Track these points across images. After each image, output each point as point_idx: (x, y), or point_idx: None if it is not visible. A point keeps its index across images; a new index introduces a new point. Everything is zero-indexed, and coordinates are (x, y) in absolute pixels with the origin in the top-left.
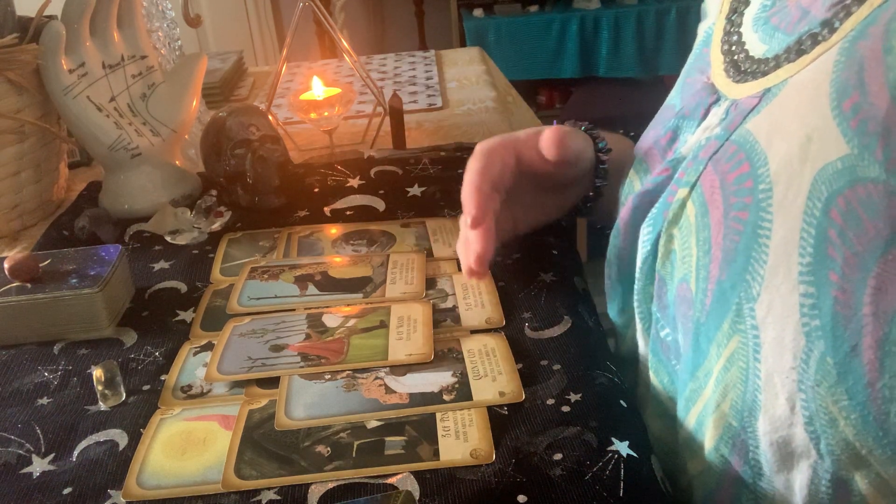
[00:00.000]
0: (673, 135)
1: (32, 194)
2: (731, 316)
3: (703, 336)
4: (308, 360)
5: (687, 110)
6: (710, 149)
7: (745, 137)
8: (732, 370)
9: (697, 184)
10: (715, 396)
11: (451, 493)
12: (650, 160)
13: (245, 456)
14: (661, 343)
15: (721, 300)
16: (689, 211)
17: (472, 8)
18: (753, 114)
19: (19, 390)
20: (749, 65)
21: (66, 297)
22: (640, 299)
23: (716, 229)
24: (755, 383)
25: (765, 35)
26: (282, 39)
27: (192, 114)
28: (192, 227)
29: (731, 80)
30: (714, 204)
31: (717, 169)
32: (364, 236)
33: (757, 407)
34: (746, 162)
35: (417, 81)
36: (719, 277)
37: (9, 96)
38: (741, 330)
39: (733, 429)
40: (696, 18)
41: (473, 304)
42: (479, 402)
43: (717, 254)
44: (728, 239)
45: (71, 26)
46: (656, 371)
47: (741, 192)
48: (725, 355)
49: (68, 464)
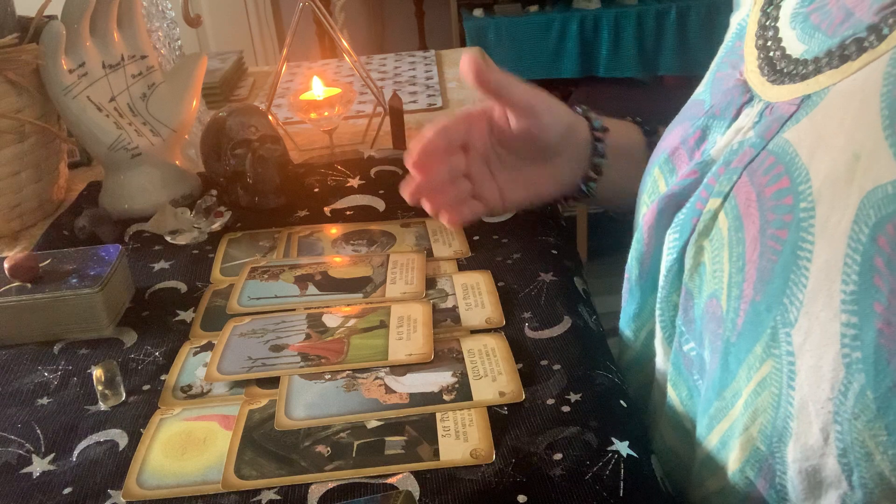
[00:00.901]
0: (702, 134)
1: (32, 194)
2: (765, 339)
3: (733, 357)
4: (308, 360)
5: (717, 109)
6: (745, 157)
7: (783, 148)
8: (764, 395)
9: (731, 194)
10: (743, 419)
11: (451, 493)
12: (677, 160)
13: (245, 456)
14: (684, 357)
15: (755, 322)
16: (721, 223)
17: (472, 8)
18: (792, 122)
19: (19, 390)
20: (785, 64)
21: (66, 297)
22: (662, 308)
23: (751, 246)
24: (787, 410)
25: (803, 33)
26: (282, 39)
27: (192, 114)
28: (192, 227)
29: (766, 79)
30: (750, 218)
31: (753, 181)
32: (364, 236)
33: (788, 434)
34: (786, 176)
35: (417, 81)
36: (753, 298)
37: (9, 96)
38: (775, 355)
39: (761, 453)
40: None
41: (473, 304)
42: (479, 402)
43: (752, 273)
44: (765, 258)
45: (71, 26)
46: (675, 384)
47: (780, 208)
48: (756, 379)
49: (68, 464)
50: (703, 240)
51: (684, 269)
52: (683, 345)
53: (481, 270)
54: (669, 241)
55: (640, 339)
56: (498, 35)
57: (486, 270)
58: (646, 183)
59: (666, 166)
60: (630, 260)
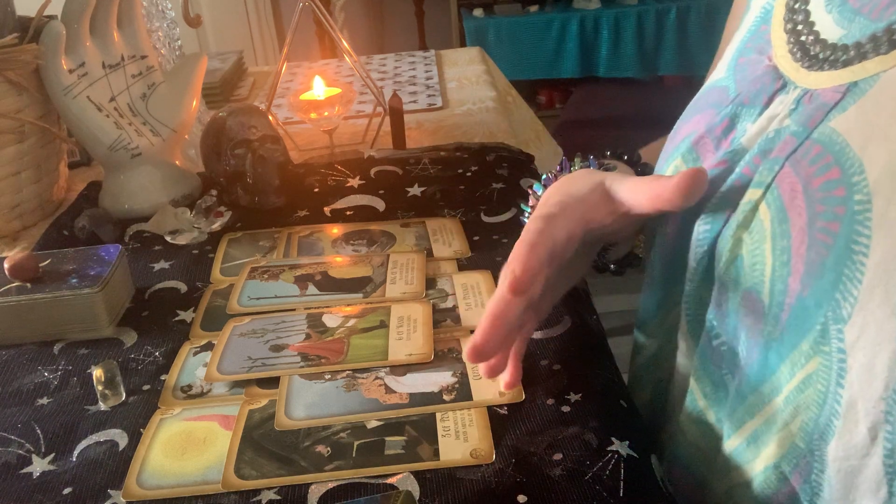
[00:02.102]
0: (730, 122)
1: (32, 194)
2: (813, 335)
3: (774, 352)
4: (308, 360)
5: (746, 97)
6: (787, 146)
7: (830, 138)
8: (808, 391)
9: (773, 185)
10: (783, 415)
11: (451, 493)
12: (701, 149)
13: (245, 456)
14: (712, 351)
15: (801, 317)
16: (762, 214)
17: (472, 8)
18: (837, 110)
19: (19, 390)
20: (820, 49)
21: (66, 297)
22: (689, 301)
23: (798, 239)
24: (833, 408)
25: (841, 17)
26: (282, 39)
27: (192, 114)
28: (192, 227)
29: (801, 65)
30: (796, 210)
31: (798, 171)
32: (364, 236)
33: (830, 432)
34: (836, 167)
35: (417, 81)
36: (800, 293)
37: (9, 96)
38: (824, 352)
39: (799, 449)
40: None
41: (473, 304)
42: (479, 402)
43: (800, 266)
44: (813, 251)
45: (71, 26)
46: (699, 378)
47: (830, 200)
48: (801, 376)
49: (68, 464)
50: (741, 232)
51: (717, 262)
52: (713, 339)
53: (481, 270)
54: (699, 233)
55: (660, 335)
56: (498, 35)
57: (486, 270)
58: (662, 172)
59: (689, 155)
60: (653, 253)
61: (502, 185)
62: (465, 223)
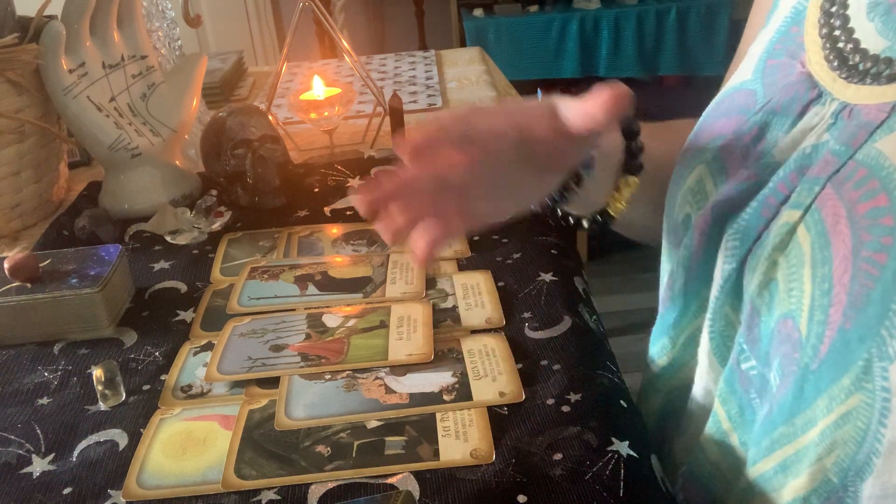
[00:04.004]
0: (759, 131)
1: (32, 194)
2: (854, 371)
3: (811, 385)
4: (308, 360)
5: (778, 105)
6: (828, 166)
7: (877, 161)
8: (846, 427)
9: (813, 207)
10: (818, 449)
11: (451, 493)
12: (729, 159)
13: (245, 456)
14: (741, 374)
15: (843, 351)
16: (801, 238)
17: (472, 8)
18: (884, 130)
19: (19, 390)
20: (860, 60)
21: (66, 297)
22: (714, 318)
23: (840, 267)
24: (874, 447)
25: (885, 27)
26: (282, 39)
27: (192, 114)
28: (192, 227)
29: (838, 74)
30: (839, 236)
31: (841, 194)
32: (364, 236)
33: (869, 470)
34: (883, 193)
35: (417, 81)
36: (842, 325)
37: (9, 96)
38: (867, 389)
39: (832, 484)
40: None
41: (473, 304)
42: (479, 402)
43: (842, 297)
44: (857, 282)
45: (71, 26)
46: (725, 400)
47: (877, 228)
48: (840, 411)
49: (68, 464)
50: (777, 255)
51: (747, 282)
52: (742, 363)
53: (481, 270)
54: (727, 249)
55: (676, 347)
56: (498, 35)
57: (486, 270)
58: (684, 177)
59: (715, 165)
60: (675, 267)
61: None
62: None
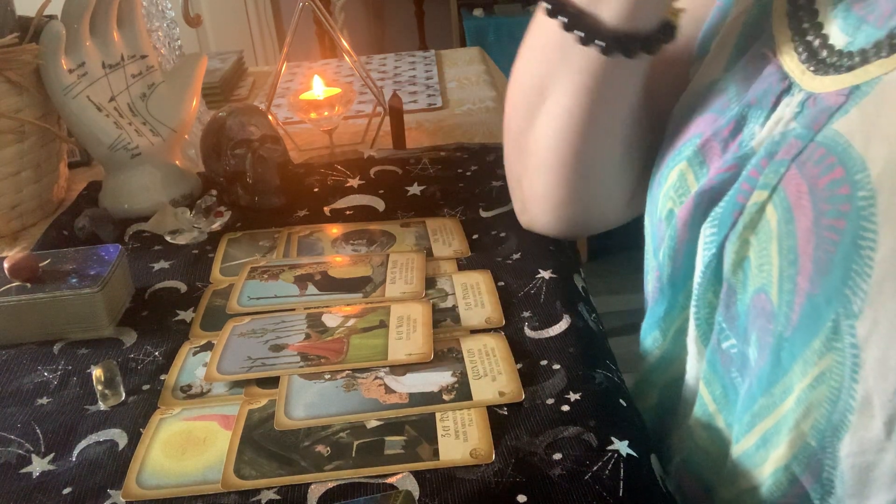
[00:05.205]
0: (736, 125)
1: (32, 194)
2: (825, 333)
3: (787, 352)
4: (308, 360)
5: (753, 98)
6: (792, 149)
7: (834, 140)
8: (821, 388)
9: (779, 187)
10: (795, 415)
11: (450, 493)
12: (708, 153)
13: (245, 456)
14: (722, 354)
15: (812, 315)
16: (769, 216)
17: (472, 8)
18: (841, 113)
19: (19, 390)
20: (828, 54)
21: (66, 297)
22: (698, 305)
23: (804, 238)
24: (848, 403)
25: (846, 24)
26: (282, 39)
27: (192, 114)
28: (192, 226)
29: (807, 67)
30: (802, 210)
31: (803, 172)
32: (364, 236)
33: (844, 427)
34: (840, 167)
35: (417, 81)
36: (810, 291)
37: (9, 96)
38: (837, 348)
39: (811, 448)
40: None
41: (473, 304)
42: (479, 401)
43: (807, 265)
44: (821, 249)
45: (71, 26)
46: (708, 381)
47: (835, 198)
48: (814, 373)
49: (68, 464)
50: (748, 234)
51: (724, 265)
52: (722, 342)
53: (481, 270)
54: (706, 237)
55: (668, 339)
56: (498, 35)
57: (486, 270)
58: (665, 177)
59: (695, 160)
60: (662, 259)
61: (502, 183)
62: (464, 222)
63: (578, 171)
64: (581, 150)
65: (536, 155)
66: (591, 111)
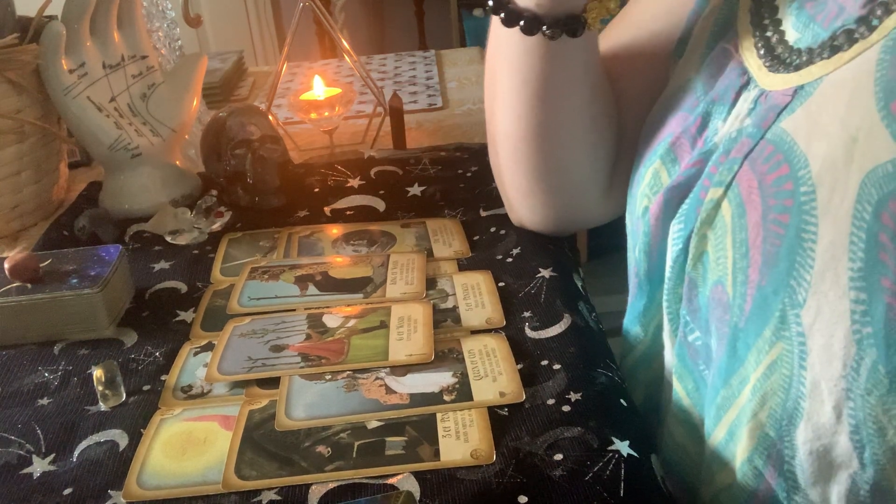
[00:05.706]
0: (702, 121)
1: (32, 194)
2: (773, 322)
3: (742, 342)
4: (308, 361)
5: (716, 94)
6: (744, 147)
7: (781, 138)
8: (773, 377)
9: (734, 183)
10: (751, 405)
11: (451, 493)
12: (678, 150)
13: (245, 456)
14: (689, 347)
15: (762, 306)
16: (724, 211)
17: (472, 8)
18: (787, 112)
19: (19, 390)
20: (782, 50)
21: (66, 297)
22: (669, 300)
23: (753, 231)
24: (799, 391)
25: (798, 22)
26: (282, 39)
27: (192, 114)
28: (192, 227)
29: (764, 63)
30: (752, 205)
31: (754, 169)
32: (364, 236)
33: (798, 415)
34: (786, 164)
35: (417, 81)
36: (759, 282)
37: (9, 96)
38: (785, 337)
39: (769, 439)
40: None
41: (474, 305)
42: (480, 402)
43: (757, 257)
44: (768, 242)
45: (71, 26)
46: (681, 376)
47: (781, 194)
48: (766, 363)
49: (68, 464)
50: (705, 228)
51: (687, 260)
52: (688, 335)
53: (481, 270)
54: (674, 232)
55: (648, 335)
56: None
57: (487, 271)
58: (642, 176)
59: (668, 157)
60: (638, 254)
61: None
62: (464, 223)
63: (538, 155)
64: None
65: (501, 144)
66: (532, 89)
